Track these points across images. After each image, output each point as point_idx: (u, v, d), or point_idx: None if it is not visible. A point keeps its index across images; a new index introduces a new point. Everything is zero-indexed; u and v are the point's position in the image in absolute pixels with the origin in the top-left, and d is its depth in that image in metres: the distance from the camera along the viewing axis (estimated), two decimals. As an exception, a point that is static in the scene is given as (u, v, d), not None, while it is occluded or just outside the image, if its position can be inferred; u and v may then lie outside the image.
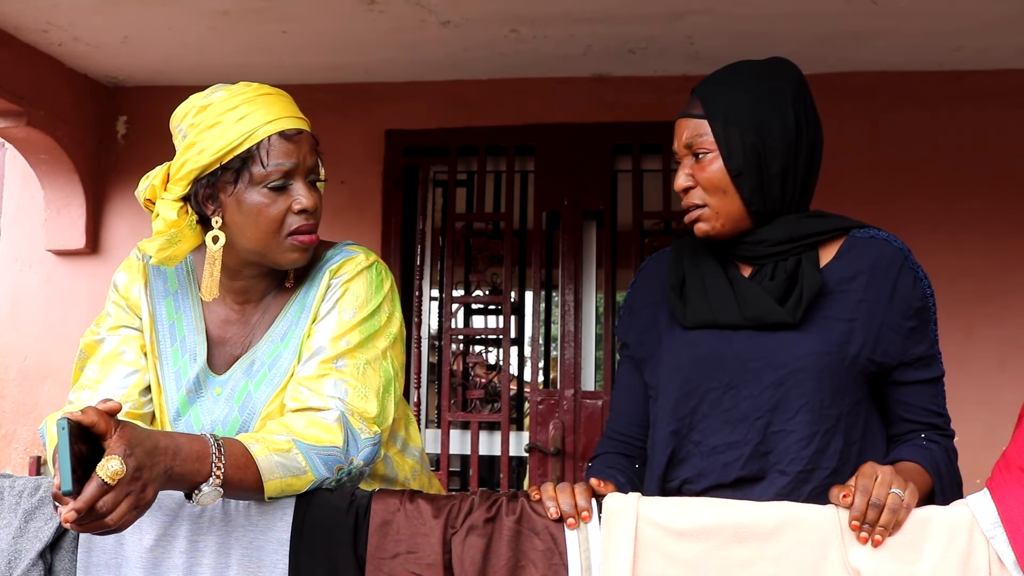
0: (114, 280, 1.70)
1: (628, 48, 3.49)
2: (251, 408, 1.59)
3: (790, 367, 1.54)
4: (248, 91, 1.57)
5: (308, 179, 1.58)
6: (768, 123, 1.58)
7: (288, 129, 1.56)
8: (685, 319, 1.62)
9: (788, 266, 1.59)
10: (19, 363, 4.00)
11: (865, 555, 1.34)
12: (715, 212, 1.60)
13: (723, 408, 1.57)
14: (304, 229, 1.57)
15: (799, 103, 1.61)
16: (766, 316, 1.55)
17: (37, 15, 3.28)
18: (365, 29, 3.34)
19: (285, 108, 1.58)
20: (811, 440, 1.52)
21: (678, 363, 1.62)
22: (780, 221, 1.61)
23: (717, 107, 1.60)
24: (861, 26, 3.23)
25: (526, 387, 4.42)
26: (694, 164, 1.61)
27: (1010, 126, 3.55)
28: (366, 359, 1.58)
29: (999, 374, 3.45)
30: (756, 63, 1.65)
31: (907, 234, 1.83)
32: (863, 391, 1.58)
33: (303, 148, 1.57)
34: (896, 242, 1.61)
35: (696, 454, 1.58)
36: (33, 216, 4.02)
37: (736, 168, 1.58)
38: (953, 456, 1.59)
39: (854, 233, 1.63)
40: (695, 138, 1.61)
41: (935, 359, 1.60)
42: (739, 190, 1.59)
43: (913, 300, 1.57)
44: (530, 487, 1.46)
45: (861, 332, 1.55)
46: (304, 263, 1.61)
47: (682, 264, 1.68)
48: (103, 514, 1.23)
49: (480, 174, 3.85)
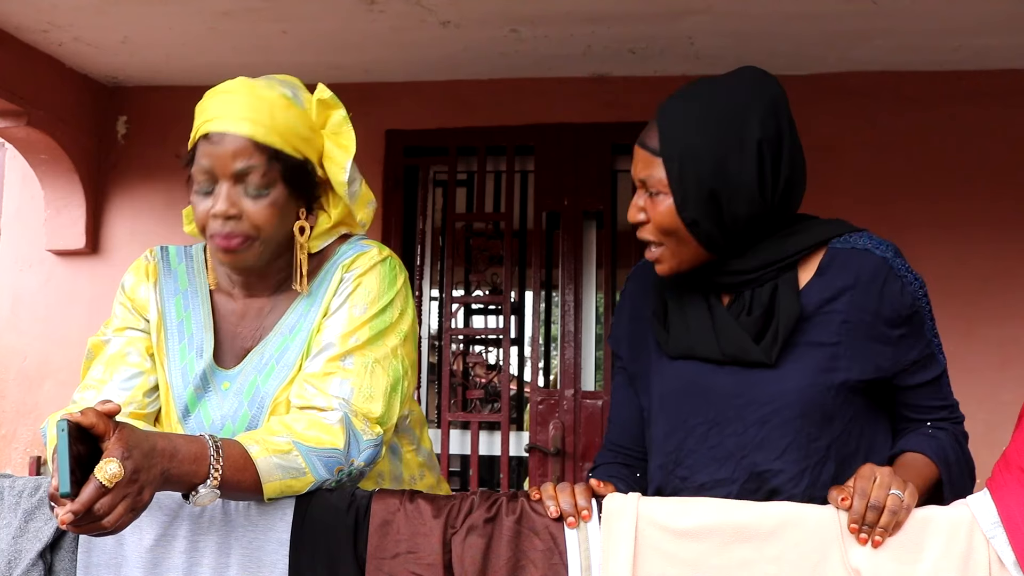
0: (122, 281, 1.71)
1: (628, 48, 3.49)
2: (260, 401, 1.59)
3: (773, 405, 1.49)
4: (217, 88, 1.58)
5: (243, 186, 1.53)
6: (729, 164, 1.47)
7: (212, 132, 1.52)
8: (668, 349, 1.58)
9: (763, 296, 1.52)
10: (19, 363, 4.00)
11: (865, 555, 1.34)
12: (671, 253, 1.53)
13: (709, 445, 1.53)
14: (218, 235, 1.54)
15: (768, 125, 1.48)
16: (743, 355, 1.50)
17: (37, 15, 3.28)
18: (365, 29, 3.34)
19: (224, 109, 1.53)
20: (802, 477, 1.49)
21: (664, 395, 1.59)
22: (755, 249, 1.52)
23: (673, 145, 1.49)
24: (861, 26, 3.23)
25: (526, 387, 4.42)
26: (648, 199, 1.52)
27: (1010, 126, 3.55)
28: (375, 357, 1.57)
29: (999, 373, 3.45)
30: (721, 85, 1.53)
31: (906, 234, 1.82)
32: (857, 404, 1.53)
33: (225, 151, 1.51)
34: (878, 249, 1.52)
35: (684, 490, 1.54)
36: (33, 216, 4.02)
37: (691, 217, 1.48)
38: (963, 440, 1.55)
39: (833, 244, 1.54)
40: (648, 176, 1.51)
41: (934, 357, 1.55)
42: (695, 237, 1.50)
43: (901, 309, 1.50)
44: (530, 487, 1.45)
45: (846, 355, 1.49)
46: (240, 266, 1.58)
47: (663, 289, 1.61)
48: (100, 516, 1.23)
49: (480, 174, 3.85)
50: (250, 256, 1.57)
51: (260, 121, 1.53)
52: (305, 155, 1.59)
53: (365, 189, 1.69)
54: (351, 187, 1.63)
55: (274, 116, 1.54)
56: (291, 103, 1.58)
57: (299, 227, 1.60)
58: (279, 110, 1.55)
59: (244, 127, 1.52)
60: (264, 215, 1.54)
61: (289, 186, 1.57)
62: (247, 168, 1.52)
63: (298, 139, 1.57)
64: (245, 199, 1.53)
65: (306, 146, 1.59)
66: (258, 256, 1.57)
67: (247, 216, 1.53)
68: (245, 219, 1.53)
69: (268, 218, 1.54)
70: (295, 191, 1.58)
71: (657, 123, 1.52)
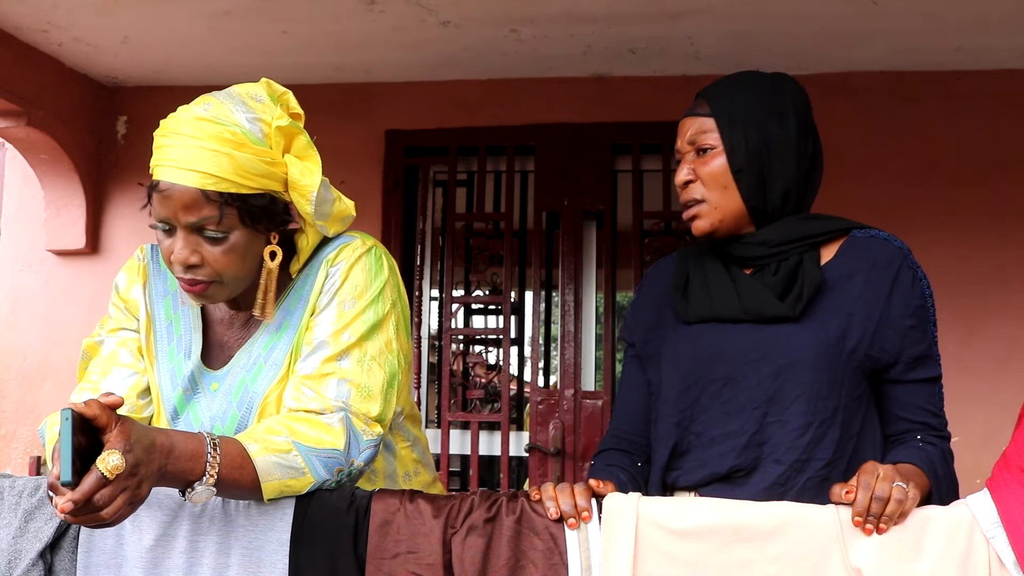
0: (115, 282, 1.71)
1: (628, 48, 3.49)
2: (249, 402, 1.59)
3: (787, 358, 1.56)
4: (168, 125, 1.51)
5: (200, 234, 1.49)
6: (771, 125, 1.62)
7: (161, 182, 1.47)
8: (687, 314, 1.66)
9: (789, 264, 1.62)
10: (19, 363, 4.00)
11: (865, 555, 1.34)
12: (713, 207, 1.64)
13: (723, 400, 1.59)
14: (182, 279, 1.52)
15: (801, 113, 1.65)
16: (765, 309, 1.58)
17: (37, 15, 3.28)
18: (365, 29, 3.34)
19: (172, 156, 1.47)
20: (806, 430, 1.53)
21: (680, 357, 1.65)
22: (781, 223, 1.64)
23: (723, 106, 1.65)
24: (861, 26, 3.23)
25: (526, 387, 4.42)
26: (696, 159, 1.65)
27: (1010, 126, 3.55)
28: (370, 353, 1.56)
29: (999, 373, 3.45)
30: (761, 73, 1.70)
31: (907, 234, 1.83)
32: (863, 387, 1.59)
33: (175, 204, 1.46)
34: (896, 241, 1.63)
35: (697, 445, 1.61)
36: (33, 216, 4.02)
37: (738, 164, 1.62)
38: (949, 458, 1.59)
39: (854, 233, 1.65)
40: (699, 135, 1.65)
41: (933, 359, 1.61)
42: (739, 187, 1.62)
43: (912, 298, 1.58)
44: (530, 487, 1.46)
45: (859, 327, 1.57)
46: (211, 303, 1.58)
47: (686, 266, 1.72)
48: (99, 507, 1.24)
49: (480, 174, 3.85)
50: (219, 295, 1.55)
51: (207, 171, 1.45)
52: (265, 188, 1.51)
53: (341, 204, 1.62)
54: (322, 207, 1.57)
55: (224, 161, 1.46)
56: (244, 139, 1.49)
57: (269, 252, 1.56)
58: (232, 149, 1.47)
59: (191, 179, 1.45)
60: (224, 261, 1.51)
61: (249, 226, 1.51)
62: (201, 220, 1.47)
63: (254, 176, 1.49)
64: (205, 245, 1.50)
65: (265, 179, 1.51)
66: (227, 294, 1.56)
67: (207, 263, 1.50)
68: (206, 265, 1.50)
69: (229, 263, 1.51)
70: (257, 226, 1.52)
71: (705, 96, 1.68)
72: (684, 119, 1.69)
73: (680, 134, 1.69)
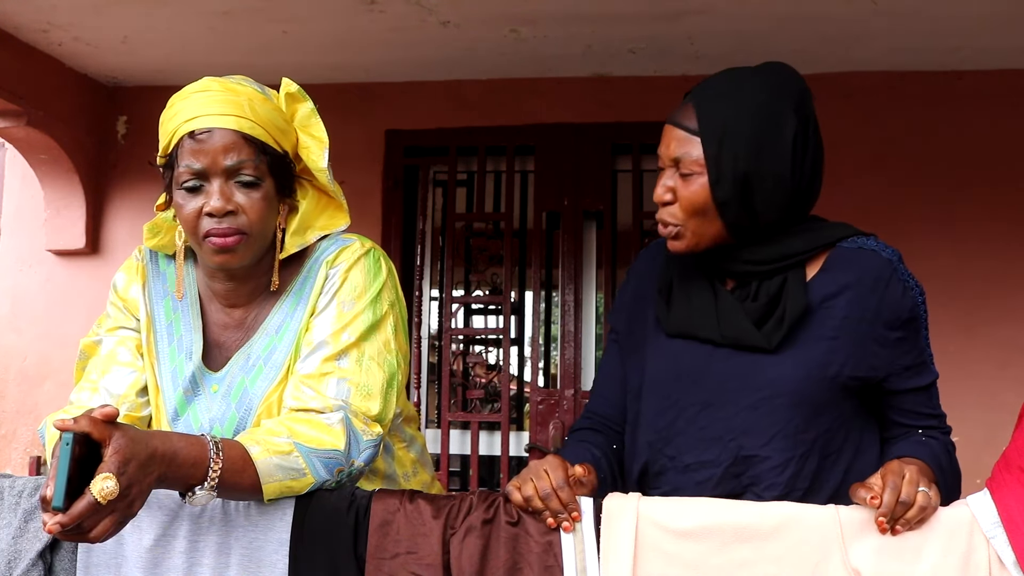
0: (114, 281, 1.71)
1: (628, 48, 3.49)
2: (248, 404, 1.59)
3: (765, 392, 1.51)
4: (188, 89, 1.57)
5: (234, 179, 1.52)
6: (765, 151, 1.49)
7: (198, 130, 1.50)
8: (668, 326, 1.60)
9: (771, 287, 1.53)
10: (19, 363, 4.00)
11: (866, 555, 1.34)
12: (692, 231, 1.53)
13: (699, 426, 1.54)
14: (214, 233, 1.52)
15: (800, 118, 1.52)
16: (744, 338, 1.52)
17: (37, 15, 3.28)
18: (365, 29, 3.34)
19: (206, 106, 1.52)
20: (786, 466, 1.50)
21: (659, 373, 1.60)
22: (767, 241, 1.54)
23: (713, 126, 1.50)
24: (861, 26, 3.23)
25: (526, 387, 4.42)
26: (678, 179, 1.52)
27: (1010, 126, 3.55)
28: (369, 353, 1.57)
29: (999, 374, 3.44)
30: (757, 74, 1.55)
31: (907, 235, 1.82)
32: (847, 404, 1.54)
33: (215, 147, 1.50)
34: (884, 251, 1.55)
35: (671, 468, 1.56)
36: (33, 216, 4.02)
37: (724, 196, 1.49)
38: (952, 450, 1.57)
39: (841, 244, 1.56)
40: (683, 154, 1.51)
41: (926, 365, 1.57)
42: (722, 217, 1.51)
43: (901, 311, 1.52)
44: (510, 484, 1.44)
45: (843, 350, 1.50)
46: (232, 266, 1.57)
47: (671, 268, 1.63)
48: (87, 529, 1.23)
49: (480, 174, 3.85)
50: (244, 254, 1.56)
51: (244, 115, 1.52)
52: (284, 148, 1.58)
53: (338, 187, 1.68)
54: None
55: (255, 110, 1.54)
56: (265, 98, 1.58)
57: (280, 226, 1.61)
58: (257, 104, 1.55)
59: (230, 122, 1.51)
60: (258, 209, 1.54)
61: (276, 180, 1.57)
62: (238, 163, 1.52)
63: (278, 132, 1.57)
64: (238, 194, 1.53)
65: (284, 139, 1.58)
66: (250, 255, 1.57)
67: (242, 211, 1.53)
68: (240, 214, 1.53)
69: (261, 212, 1.54)
70: (279, 185, 1.58)
71: (693, 104, 1.52)
72: (669, 126, 1.55)
73: (664, 141, 1.55)
